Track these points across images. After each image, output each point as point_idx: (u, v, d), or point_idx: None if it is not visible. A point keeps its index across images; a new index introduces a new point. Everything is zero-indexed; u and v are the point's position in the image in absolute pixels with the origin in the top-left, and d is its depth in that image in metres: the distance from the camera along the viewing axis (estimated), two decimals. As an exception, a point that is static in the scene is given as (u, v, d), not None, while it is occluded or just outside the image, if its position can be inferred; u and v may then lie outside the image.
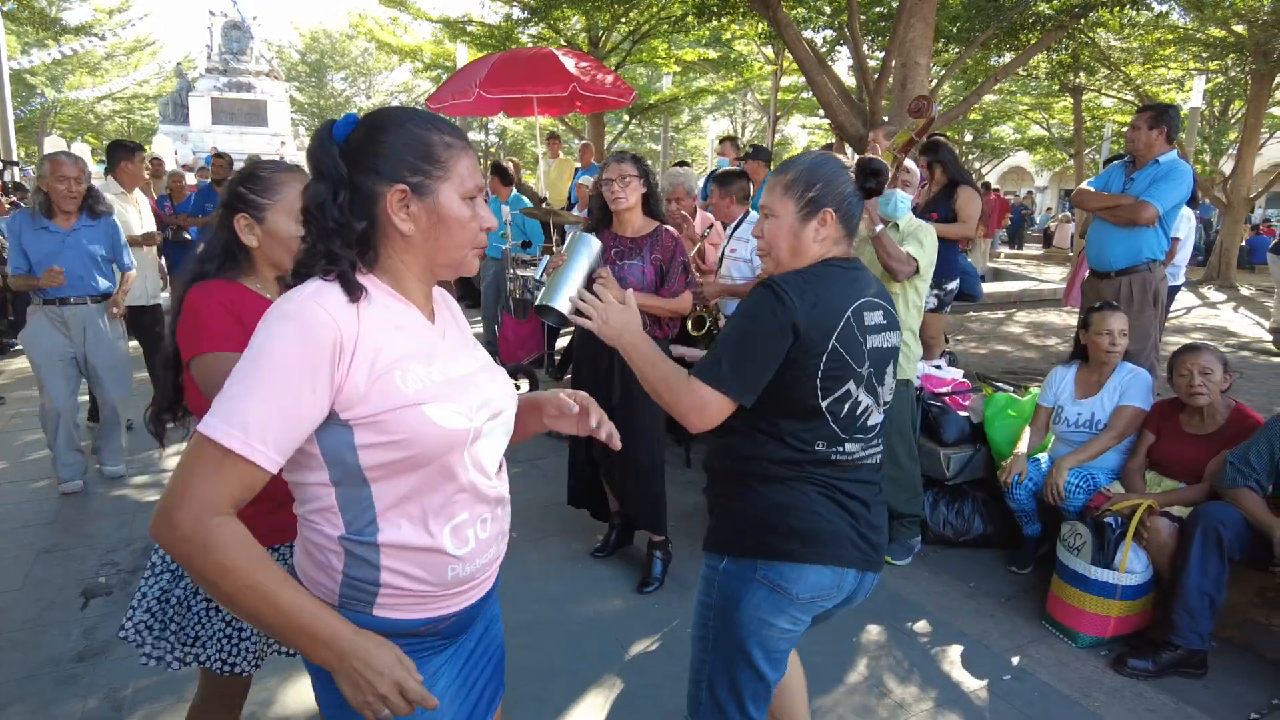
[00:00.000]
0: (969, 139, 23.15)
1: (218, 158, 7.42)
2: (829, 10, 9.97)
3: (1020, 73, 13.43)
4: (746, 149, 7.29)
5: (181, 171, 9.83)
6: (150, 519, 3.30)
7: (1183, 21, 12.72)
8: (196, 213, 6.73)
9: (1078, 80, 14.98)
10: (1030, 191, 32.42)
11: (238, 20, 26.91)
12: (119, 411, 4.15)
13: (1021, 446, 3.32)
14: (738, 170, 4.37)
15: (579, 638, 2.79)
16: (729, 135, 12.85)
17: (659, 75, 21.27)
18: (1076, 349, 3.42)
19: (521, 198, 6.93)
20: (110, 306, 3.95)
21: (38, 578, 3.13)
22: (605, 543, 3.38)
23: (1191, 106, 14.40)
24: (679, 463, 4.46)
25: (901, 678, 2.60)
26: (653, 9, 12.71)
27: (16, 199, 9.62)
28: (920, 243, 3.11)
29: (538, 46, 11.67)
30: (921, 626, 2.92)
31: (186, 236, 7.06)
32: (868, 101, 7.82)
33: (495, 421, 1.18)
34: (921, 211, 4.23)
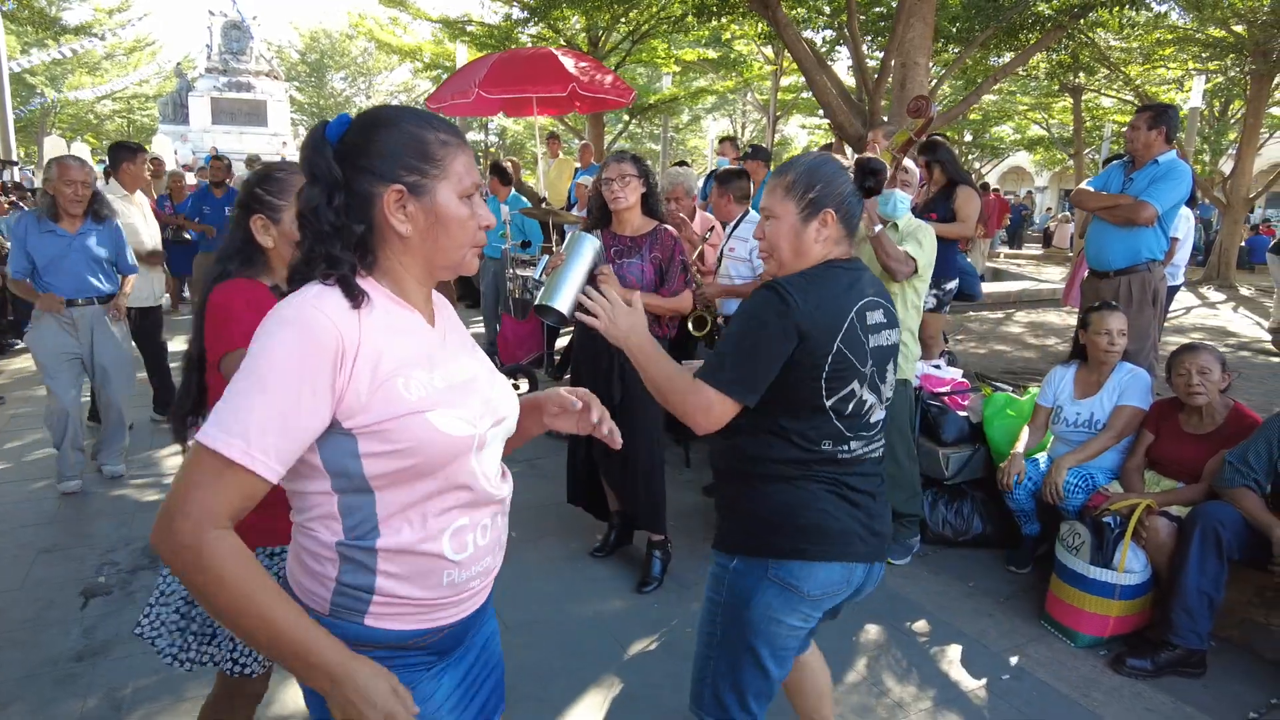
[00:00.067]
0: (969, 139, 23.15)
1: (216, 160, 7.41)
2: (828, 10, 9.97)
3: (1020, 73, 13.43)
4: (746, 149, 7.29)
5: (181, 171, 9.84)
6: (150, 519, 3.28)
7: (1182, 22, 12.72)
8: (193, 215, 6.72)
9: (1077, 80, 14.98)
10: (1030, 191, 32.42)
11: (237, 20, 26.90)
12: (124, 412, 4.16)
13: (1019, 446, 3.32)
14: (738, 169, 4.37)
15: (578, 637, 2.79)
16: (729, 135, 12.86)
17: (659, 75, 21.26)
18: (1075, 349, 3.43)
19: (520, 197, 6.93)
20: (111, 309, 3.98)
21: (37, 577, 3.13)
22: (604, 542, 3.38)
23: (1191, 106, 14.41)
24: (679, 463, 4.46)
25: (900, 677, 2.60)
26: (652, 9, 12.71)
27: (16, 199, 9.64)
28: (919, 243, 3.11)
29: (537, 46, 11.68)
30: (920, 626, 2.92)
31: (187, 236, 7.07)
32: (867, 101, 7.82)
33: (499, 428, 1.18)
34: (920, 211, 4.23)
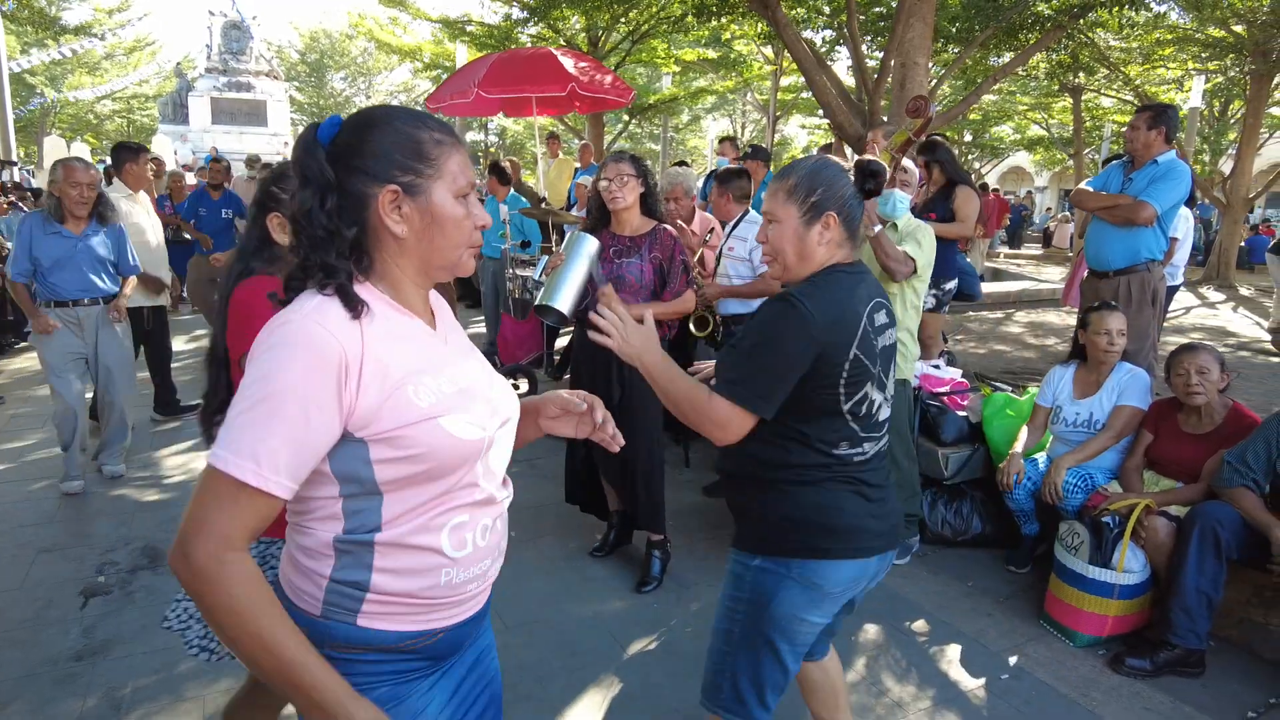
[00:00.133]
0: (969, 139, 23.15)
1: (215, 163, 7.40)
2: (828, 10, 9.97)
3: (1019, 73, 13.44)
4: (746, 149, 7.30)
5: (181, 172, 9.85)
6: (150, 519, 3.30)
7: (1182, 22, 12.72)
8: (189, 216, 6.70)
9: (1077, 80, 14.98)
10: (1030, 191, 32.43)
11: (237, 20, 26.90)
12: (126, 412, 4.18)
13: (1018, 446, 3.33)
14: (738, 169, 4.37)
15: (577, 636, 2.79)
16: (728, 135, 12.86)
17: (659, 75, 21.26)
18: (1075, 349, 3.43)
19: (520, 197, 6.93)
20: (111, 310, 3.99)
21: (37, 577, 3.13)
22: (604, 542, 3.38)
23: (1191, 106, 14.41)
24: (678, 463, 4.47)
25: (899, 677, 2.61)
26: (652, 9, 12.71)
27: (15, 199, 9.64)
28: (918, 243, 3.11)
29: (537, 46, 11.68)
30: (919, 626, 2.92)
31: (187, 236, 7.07)
32: (867, 101, 7.83)
33: (505, 429, 1.18)
34: (920, 211, 4.23)
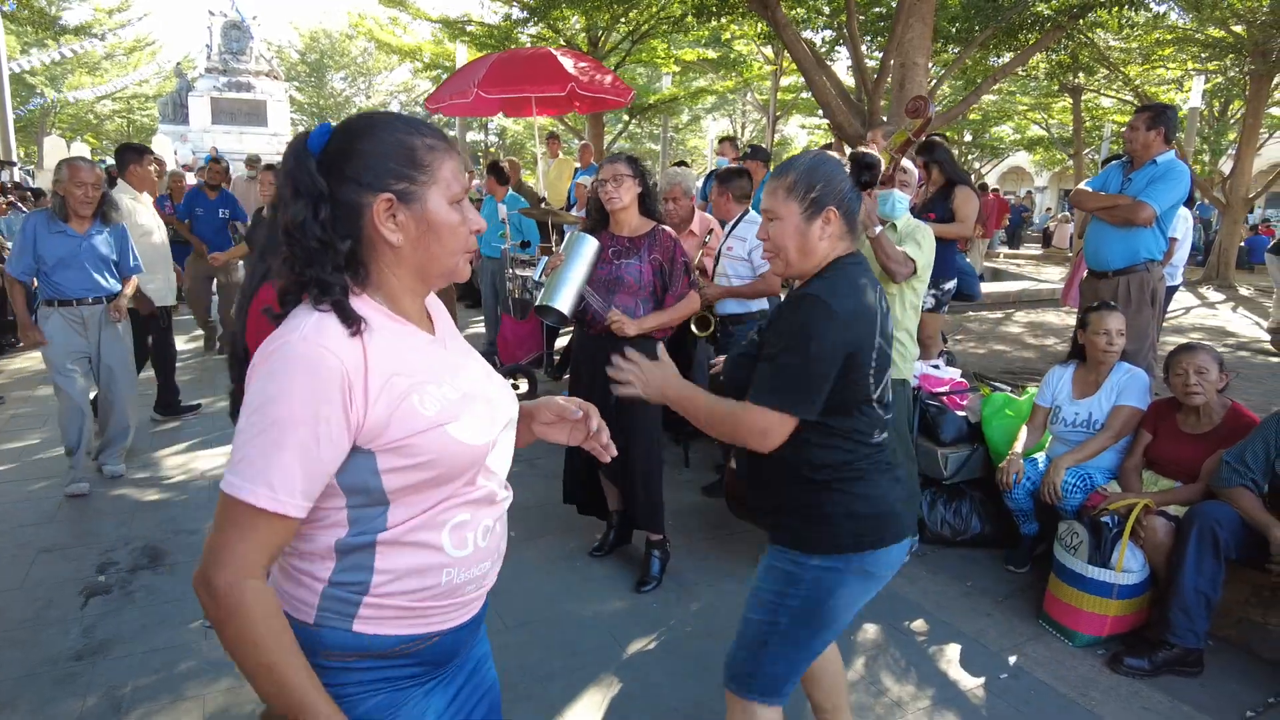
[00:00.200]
0: (969, 139, 23.16)
1: (214, 163, 7.39)
2: (828, 10, 9.98)
3: (1019, 73, 13.44)
4: (745, 149, 7.30)
5: (182, 172, 9.84)
6: (150, 518, 3.31)
7: (1181, 22, 12.73)
8: (184, 215, 6.71)
9: (1077, 80, 14.99)
10: (1030, 191, 32.43)
11: (237, 20, 26.91)
12: (128, 411, 4.18)
13: (1017, 446, 3.33)
14: (739, 168, 4.37)
15: (577, 636, 2.79)
16: (728, 135, 12.86)
17: (658, 75, 21.25)
18: (1074, 349, 3.43)
19: (518, 197, 6.93)
20: (112, 310, 4.00)
21: (37, 577, 3.13)
22: (603, 541, 3.38)
23: (1190, 107, 14.43)
24: (678, 462, 4.47)
25: (898, 676, 2.61)
26: (652, 9, 12.71)
27: (15, 199, 9.64)
28: (918, 243, 3.12)
29: (536, 46, 11.68)
30: (919, 625, 2.92)
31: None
32: (866, 101, 7.83)
33: (507, 430, 1.18)
34: (919, 212, 4.23)
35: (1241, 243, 15.16)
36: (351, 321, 1.00)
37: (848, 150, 7.40)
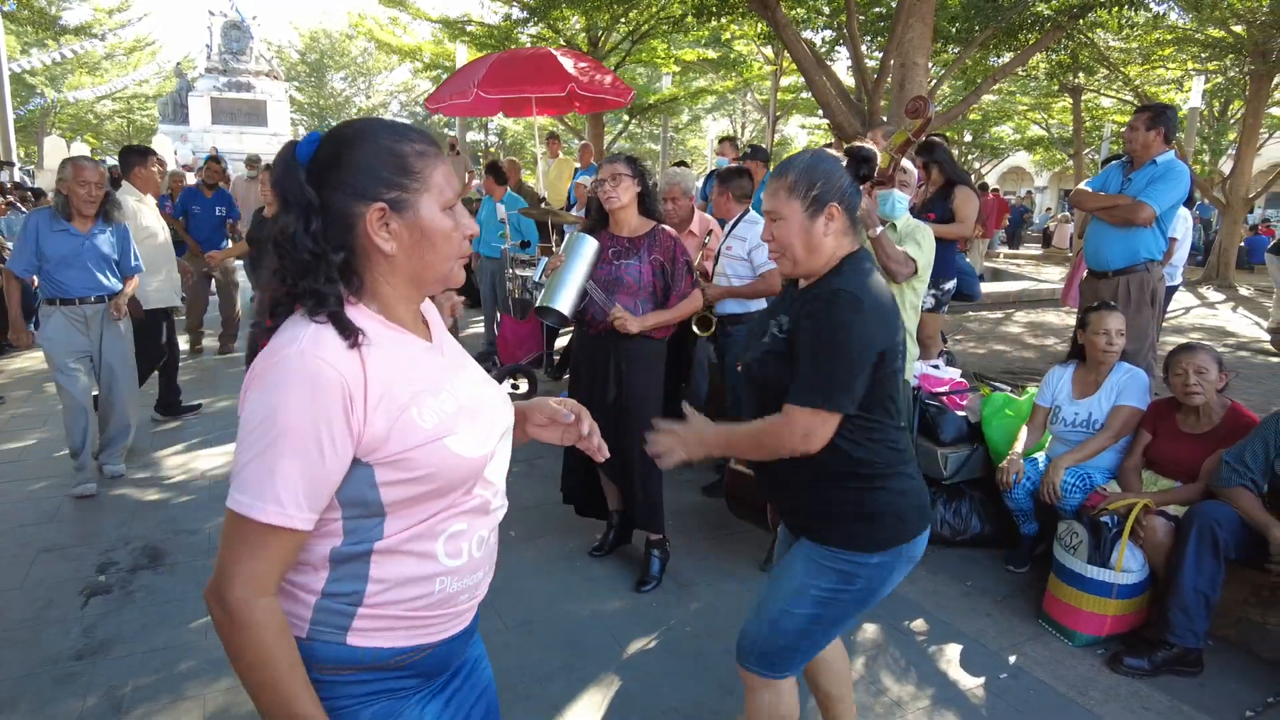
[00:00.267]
0: (969, 139, 23.16)
1: (214, 162, 7.38)
2: (828, 10, 9.97)
3: (1019, 73, 13.43)
4: (745, 149, 7.30)
5: (182, 172, 9.85)
6: (150, 518, 3.31)
7: (1181, 22, 12.73)
8: (179, 214, 6.71)
9: (1077, 80, 14.98)
10: (1030, 191, 32.44)
11: (237, 20, 26.94)
12: (128, 411, 4.18)
13: (1018, 447, 3.33)
14: (740, 168, 4.37)
15: (577, 636, 2.79)
16: (728, 135, 12.86)
17: (658, 75, 21.25)
18: (1074, 349, 3.43)
19: (517, 197, 6.94)
20: (111, 308, 4.00)
21: (37, 577, 3.13)
22: (603, 541, 3.39)
23: (1190, 107, 14.42)
24: (677, 462, 4.46)
25: (898, 676, 2.61)
26: (652, 9, 12.71)
27: (15, 199, 9.65)
28: (918, 243, 3.12)
29: (536, 46, 11.69)
30: (918, 625, 2.93)
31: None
32: (866, 101, 7.83)
33: (504, 440, 1.18)
34: (919, 212, 4.24)
35: (1241, 243, 15.16)
36: (349, 333, 0.99)
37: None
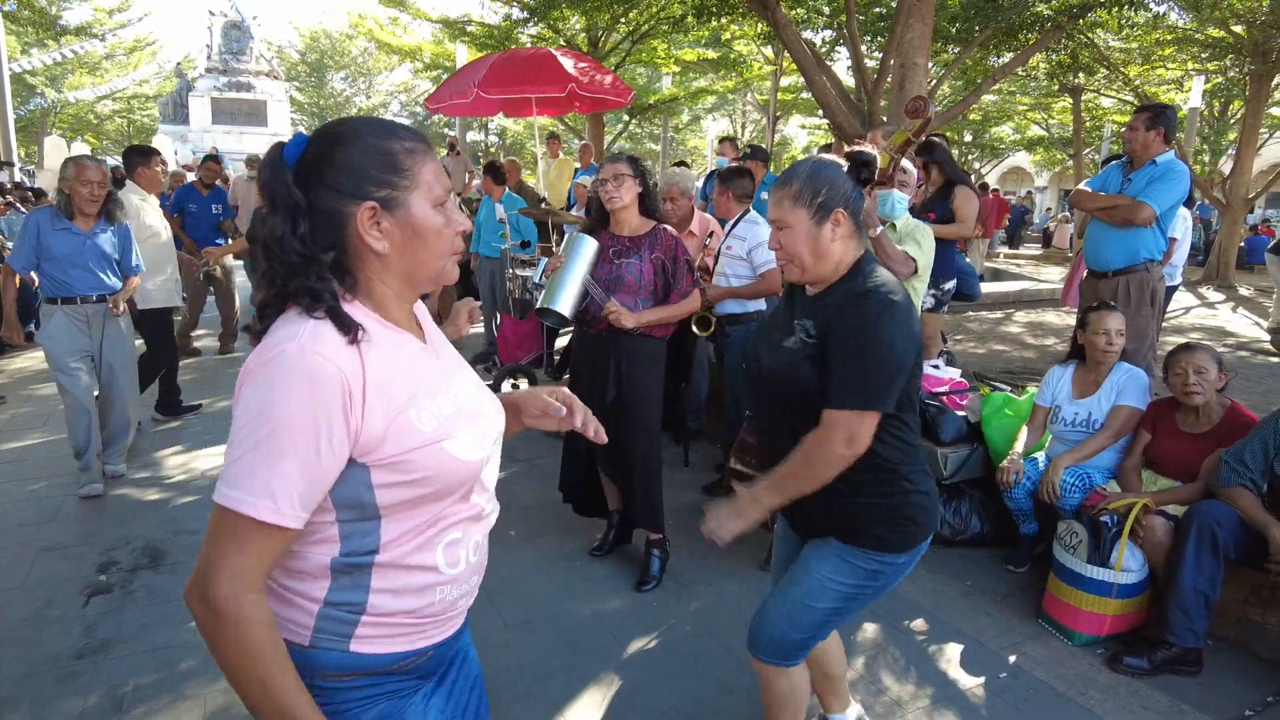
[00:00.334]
0: (969, 139, 23.17)
1: (212, 161, 7.37)
2: (828, 10, 9.98)
3: (1019, 73, 13.44)
4: (745, 149, 7.31)
5: (183, 172, 9.86)
6: (151, 518, 3.31)
7: (1181, 22, 12.73)
8: (174, 212, 6.72)
9: (1077, 80, 14.98)
10: (1030, 192, 32.44)
11: (237, 20, 26.96)
12: (129, 411, 4.18)
13: (1018, 447, 3.33)
14: (741, 167, 4.37)
15: (577, 635, 2.80)
16: (728, 135, 12.88)
17: (659, 75, 21.26)
18: (1074, 349, 3.43)
19: (516, 197, 6.94)
20: (112, 307, 4.00)
21: (38, 576, 3.14)
22: (603, 541, 3.39)
23: (1190, 107, 14.42)
24: (678, 462, 4.47)
25: (898, 675, 2.61)
26: (652, 9, 12.71)
27: (14, 199, 9.66)
28: (918, 243, 3.13)
29: (536, 47, 11.69)
30: (918, 625, 2.93)
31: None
32: (866, 102, 7.83)
33: (497, 444, 1.18)
34: (918, 212, 4.24)
35: (1241, 243, 15.16)
36: (349, 329, 0.97)
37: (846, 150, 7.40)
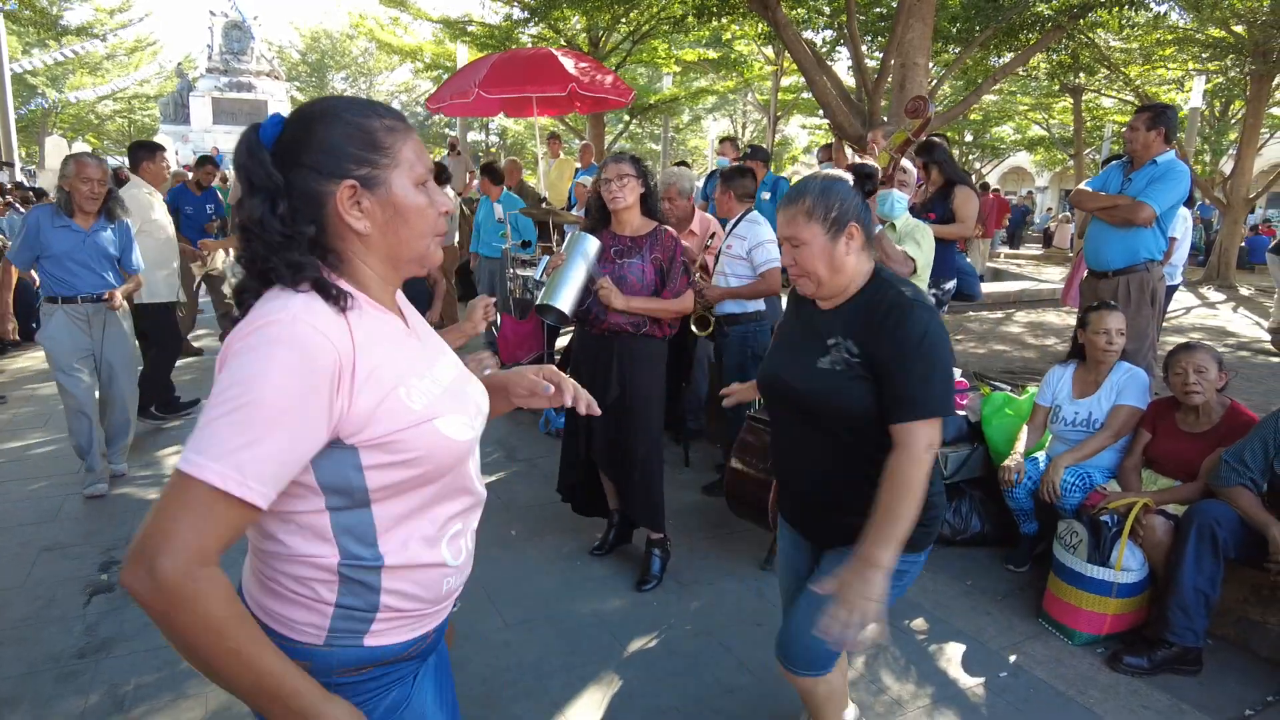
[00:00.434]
0: (969, 139, 23.17)
1: (210, 163, 7.34)
2: (828, 11, 9.98)
3: (1020, 73, 13.44)
4: (746, 149, 7.31)
5: (184, 172, 9.84)
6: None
7: (1182, 22, 12.72)
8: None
9: (1077, 80, 14.98)
10: (1030, 191, 32.44)
11: (238, 20, 26.98)
12: (129, 409, 4.18)
13: (1019, 447, 3.33)
14: (744, 167, 4.37)
15: (577, 634, 2.80)
16: (729, 135, 12.88)
17: (659, 75, 21.28)
18: (1074, 348, 3.43)
19: (515, 197, 6.95)
20: (109, 297, 3.99)
21: (39, 576, 3.14)
22: (604, 540, 3.39)
23: (1191, 107, 14.41)
24: (678, 462, 4.47)
25: (898, 675, 2.62)
26: (653, 9, 12.71)
27: (14, 199, 9.67)
28: (918, 242, 3.13)
29: (537, 47, 11.69)
30: (918, 624, 2.93)
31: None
32: (867, 102, 7.83)
33: (483, 424, 1.18)
34: (918, 212, 4.24)
35: (1242, 243, 15.15)
36: (338, 298, 0.95)
37: (848, 151, 7.42)
